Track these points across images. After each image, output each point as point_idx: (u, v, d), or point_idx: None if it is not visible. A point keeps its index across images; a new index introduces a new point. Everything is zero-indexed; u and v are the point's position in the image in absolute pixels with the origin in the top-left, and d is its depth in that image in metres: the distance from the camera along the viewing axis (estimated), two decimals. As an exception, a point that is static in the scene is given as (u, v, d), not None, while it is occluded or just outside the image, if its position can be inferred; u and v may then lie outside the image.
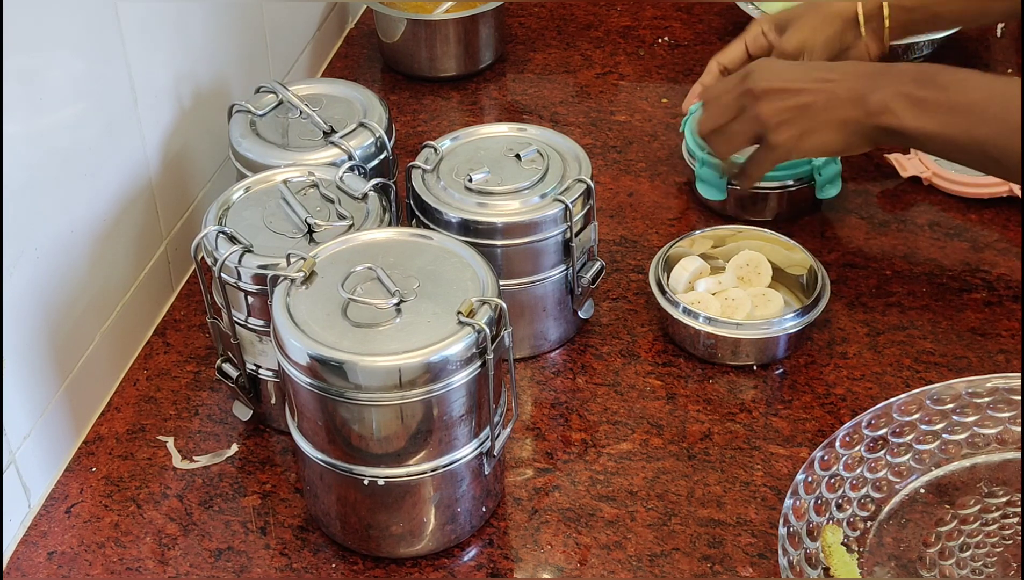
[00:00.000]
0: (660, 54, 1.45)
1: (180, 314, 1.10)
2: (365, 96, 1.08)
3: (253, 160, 1.02)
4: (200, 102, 1.14)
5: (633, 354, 1.04)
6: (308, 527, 0.91)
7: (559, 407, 1.00)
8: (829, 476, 0.87)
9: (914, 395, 0.91)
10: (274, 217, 0.93)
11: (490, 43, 1.42)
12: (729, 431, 0.97)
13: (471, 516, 0.88)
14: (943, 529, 0.88)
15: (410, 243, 0.88)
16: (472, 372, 0.81)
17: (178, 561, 0.89)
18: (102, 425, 0.99)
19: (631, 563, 0.87)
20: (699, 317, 1.01)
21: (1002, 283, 1.09)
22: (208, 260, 0.92)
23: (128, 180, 1.03)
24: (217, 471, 0.95)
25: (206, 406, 1.01)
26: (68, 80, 0.93)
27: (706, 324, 1.01)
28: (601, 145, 1.29)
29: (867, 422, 0.90)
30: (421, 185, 1.01)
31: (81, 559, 0.89)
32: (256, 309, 0.91)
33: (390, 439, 0.82)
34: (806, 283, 1.06)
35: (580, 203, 0.99)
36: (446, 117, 1.36)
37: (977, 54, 1.40)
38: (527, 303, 1.01)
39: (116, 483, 0.94)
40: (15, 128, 0.86)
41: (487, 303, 0.82)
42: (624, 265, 1.13)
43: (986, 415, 0.92)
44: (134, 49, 1.01)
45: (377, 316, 0.81)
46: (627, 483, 0.93)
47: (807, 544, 0.83)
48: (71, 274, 0.95)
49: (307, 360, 0.80)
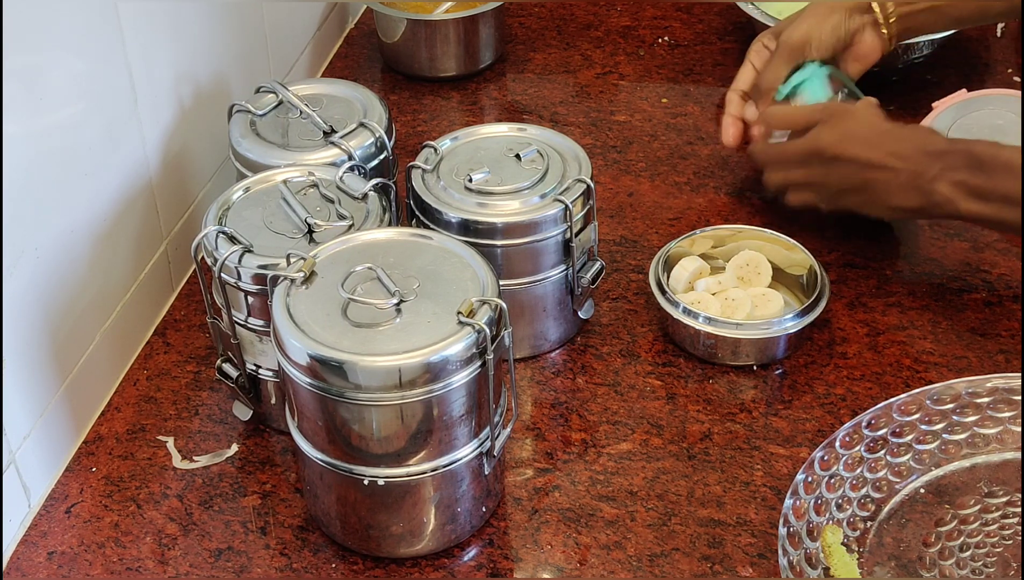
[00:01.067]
0: (660, 54, 1.45)
1: (180, 314, 1.10)
2: (365, 96, 1.08)
3: (253, 160, 1.02)
4: (200, 102, 1.14)
5: (633, 354, 1.04)
6: (308, 527, 0.91)
7: (559, 407, 1.00)
8: (829, 476, 0.87)
9: (914, 395, 0.91)
10: (274, 217, 0.93)
11: (490, 43, 1.42)
12: (729, 431, 0.97)
13: (471, 516, 0.88)
14: (943, 529, 0.88)
15: (410, 243, 0.88)
16: (472, 372, 0.81)
17: (178, 561, 0.89)
18: (102, 425, 0.99)
19: (631, 563, 0.87)
20: (699, 317, 1.01)
21: (1002, 283, 1.09)
22: (208, 260, 0.92)
23: (128, 180, 1.03)
24: (217, 471, 0.95)
25: (206, 406, 1.01)
26: (68, 80, 0.93)
27: (706, 324, 1.01)
28: (601, 145, 1.29)
29: (867, 422, 0.90)
30: (421, 185, 1.01)
31: (81, 559, 0.89)
32: (256, 309, 0.91)
33: (390, 439, 0.82)
34: (806, 283, 1.06)
35: (580, 203, 0.99)
36: (446, 117, 1.36)
37: (977, 54, 1.40)
38: (527, 303, 1.01)
39: (116, 483, 0.95)
40: (15, 128, 0.86)
41: (487, 303, 0.82)
42: (624, 265, 1.13)
43: (986, 415, 0.92)
44: (134, 49, 1.01)
45: (377, 316, 0.81)
46: (627, 483, 0.93)
47: (807, 544, 0.83)
48: (71, 274, 0.95)
49: (307, 360, 0.80)
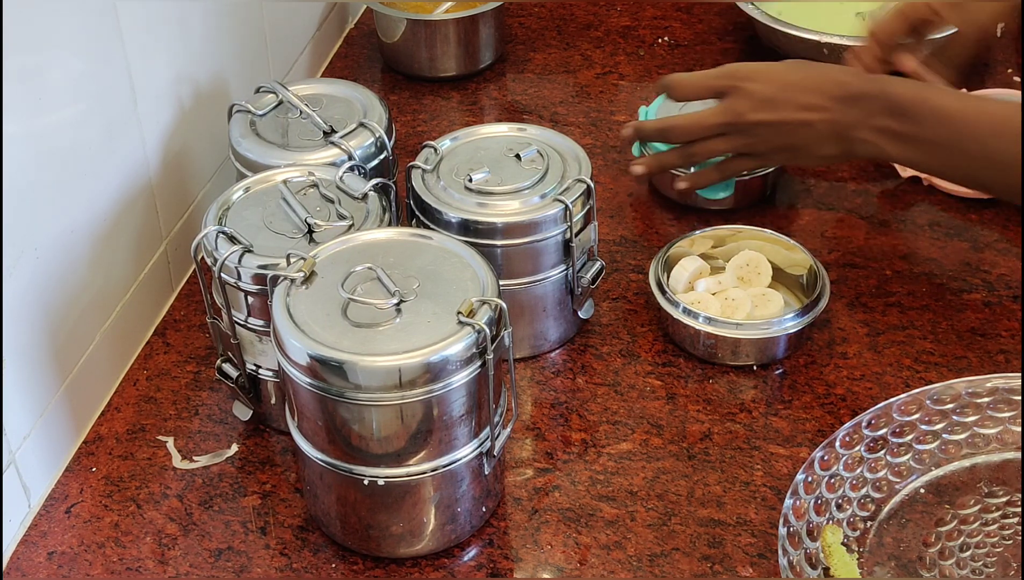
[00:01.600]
0: (660, 54, 1.45)
1: (180, 314, 1.10)
2: (365, 96, 1.08)
3: (253, 160, 1.02)
4: (200, 102, 1.14)
5: (633, 354, 1.04)
6: (308, 527, 0.91)
7: (559, 407, 1.00)
8: (829, 476, 0.87)
9: (914, 395, 0.91)
10: (274, 217, 0.93)
11: (490, 43, 1.42)
12: (729, 431, 0.97)
13: (471, 516, 0.88)
14: (943, 529, 0.88)
15: (410, 243, 0.88)
16: (472, 372, 0.81)
17: (178, 561, 0.89)
18: (102, 425, 0.99)
19: (631, 563, 0.87)
20: (699, 317, 1.01)
21: (1002, 283, 1.09)
22: (208, 260, 0.92)
23: (128, 180, 1.03)
24: (217, 471, 0.95)
25: (206, 406, 1.01)
26: (68, 80, 0.93)
27: (706, 324, 1.01)
28: (601, 145, 1.29)
29: (867, 422, 0.90)
30: (421, 185, 1.01)
31: (81, 559, 0.89)
32: (256, 309, 0.91)
33: (390, 439, 0.82)
34: (806, 283, 1.06)
35: (580, 203, 0.99)
36: (446, 117, 1.36)
37: (977, 54, 1.40)
38: (527, 303, 1.01)
39: (116, 483, 0.94)
40: (15, 128, 0.86)
41: (487, 303, 0.82)
42: (624, 265, 1.13)
43: (986, 415, 0.92)
44: (134, 49, 1.01)
45: (377, 316, 0.81)
46: (627, 483, 0.93)
47: (807, 544, 0.83)
48: (71, 274, 0.95)
49: (307, 360, 0.80)
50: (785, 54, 1.36)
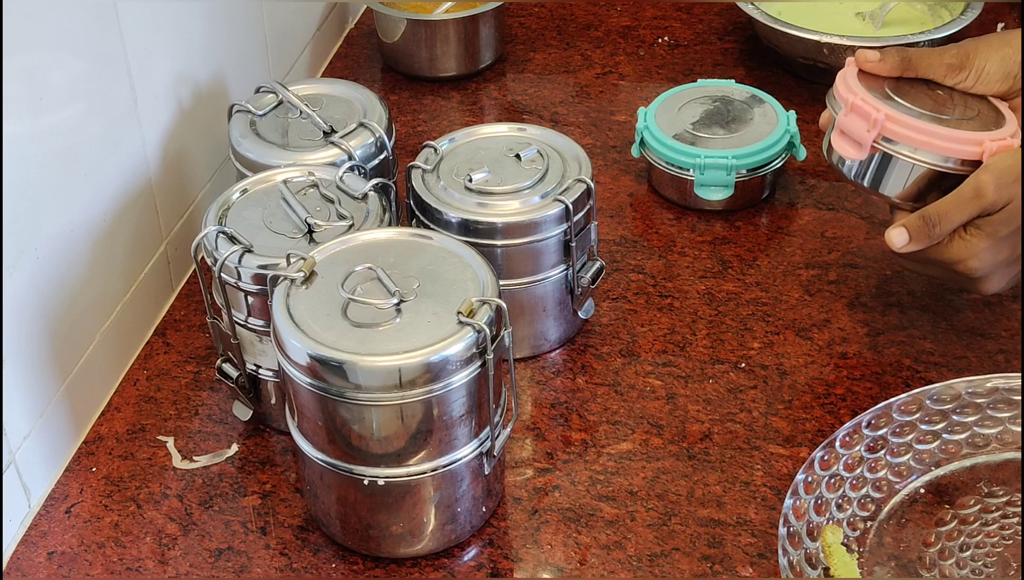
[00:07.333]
0: (660, 54, 1.45)
1: (180, 314, 1.10)
2: (365, 96, 1.08)
3: (253, 160, 1.02)
4: (200, 102, 1.14)
5: (633, 354, 1.04)
6: (308, 527, 0.91)
7: (559, 407, 1.00)
8: (829, 476, 0.87)
9: (914, 395, 0.91)
10: (274, 217, 0.93)
11: (490, 43, 1.42)
12: (729, 431, 0.97)
13: (471, 516, 0.88)
14: (943, 529, 0.88)
15: (410, 243, 0.88)
16: (472, 372, 0.81)
17: (178, 561, 0.89)
18: (102, 425, 0.99)
19: (631, 563, 0.87)
20: None
21: (1002, 283, 1.09)
22: (208, 260, 0.92)
23: (128, 180, 1.03)
24: (217, 471, 0.95)
25: (206, 406, 1.01)
26: (68, 80, 0.93)
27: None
28: (601, 145, 1.29)
29: (867, 422, 0.90)
30: (421, 185, 1.01)
31: (81, 559, 0.89)
32: (256, 309, 0.91)
33: (390, 439, 0.82)
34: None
35: (580, 203, 0.99)
36: (446, 117, 1.36)
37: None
38: (527, 303, 1.01)
39: (116, 483, 0.95)
40: (15, 128, 0.86)
41: (487, 303, 0.82)
42: (624, 265, 1.13)
43: (986, 415, 0.92)
44: (134, 49, 1.01)
45: (377, 316, 0.81)
46: (627, 483, 0.93)
47: (807, 544, 0.83)
48: (71, 274, 0.95)
49: (307, 360, 0.80)
50: (785, 54, 1.36)
